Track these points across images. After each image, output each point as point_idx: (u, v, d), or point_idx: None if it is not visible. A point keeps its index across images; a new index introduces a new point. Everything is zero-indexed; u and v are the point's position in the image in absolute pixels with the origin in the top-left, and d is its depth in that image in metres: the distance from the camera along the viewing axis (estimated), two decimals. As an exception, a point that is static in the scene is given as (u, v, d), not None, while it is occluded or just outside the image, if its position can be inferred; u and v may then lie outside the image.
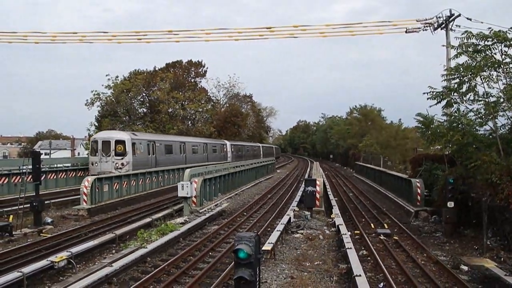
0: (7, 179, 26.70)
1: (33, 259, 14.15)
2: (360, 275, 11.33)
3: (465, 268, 14.39)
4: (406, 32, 29.70)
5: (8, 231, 17.64)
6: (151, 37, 32.10)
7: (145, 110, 68.21)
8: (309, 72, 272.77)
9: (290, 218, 20.60)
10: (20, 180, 24.65)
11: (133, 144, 34.36)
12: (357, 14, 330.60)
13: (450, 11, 27.84)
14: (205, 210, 23.84)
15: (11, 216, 19.66)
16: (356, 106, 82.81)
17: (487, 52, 17.76)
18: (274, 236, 15.99)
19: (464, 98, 19.10)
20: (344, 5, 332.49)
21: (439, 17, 28.47)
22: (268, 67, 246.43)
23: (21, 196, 19.39)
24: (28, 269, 11.90)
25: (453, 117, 19.75)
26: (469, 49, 18.30)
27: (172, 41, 31.75)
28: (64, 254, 13.40)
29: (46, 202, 21.81)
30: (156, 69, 72.08)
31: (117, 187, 27.09)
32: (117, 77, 63.14)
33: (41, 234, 18.59)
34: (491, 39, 17.47)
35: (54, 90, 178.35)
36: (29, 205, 19.53)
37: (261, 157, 77.26)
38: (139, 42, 32.23)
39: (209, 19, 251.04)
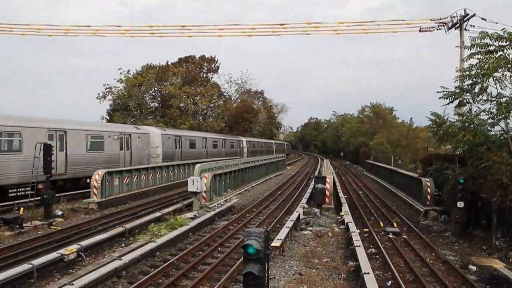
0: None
1: (43, 252, 14.25)
2: (368, 273, 11.33)
3: (474, 268, 14.33)
4: (420, 31, 29.44)
5: (18, 223, 17.77)
6: (164, 32, 32.18)
7: (156, 104, 68.51)
8: (322, 69, 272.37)
9: (299, 215, 20.63)
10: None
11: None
12: (373, 12, 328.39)
13: (465, 10, 27.54)
14: (215, 206, 23.89)
15: (22, 209, 19.80)
16: (368, 104, 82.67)
17: (500, 53, 17.64)
18: (283, 233, 16.02)
19: (477, 99, 19.01)
20: (361, 2, 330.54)
21: (454, 17, 28.14)
22: (281, 63, 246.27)
23: (31, 188, 19.56)
24: (38, 261, 12.01)
25: (465, 117, 19.67)
26: (481, 49, 18.18)
27: (185, 36, 31.95)
28: (73, 247, 13.51)
29: (56, 195, 21.96)
30: (169, 63, 72.31)
31: (127, 181, 27.20)
32: (128, 71, 63.44)
33: (51, 227, 18.73)
34: (505, 40, 17.35)
35: (64, 83, 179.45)
36: (39, 197, 19.73)
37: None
38: (152, 36, 32.31)
39: (226, 15, 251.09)
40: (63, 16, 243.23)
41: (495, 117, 18.55)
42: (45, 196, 19.46)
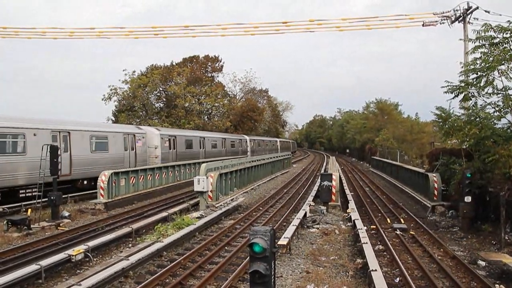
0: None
1: (50, 252, 14.30)
2: (376, 270, 11.29)
3: (483, 263, 14.23)
4: (423, 25, 29.35)
5: (26, 224, 17.85)
6: (168, 32, 32.26)
7: (161, 105, 68.66)
8: (326, 67, 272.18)
9: (306, 212, 20.58)
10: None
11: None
12: (376, 8, 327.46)
13: (468, 3, 27.47)
14: (221, 205, 23.86)
15: (29, 210, 19.91)
16: (372, 100, 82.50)
17: (505, 45, 17.52)
18: (289, 231, 15.97)
19: (482, 92, 18.89)
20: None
21: (457, 10, 28.07)
22: (285, 61, 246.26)
23: (38, 189, 19.61)
24: (45, 262, 12.03)
25: (470, 110, 19.55)
26: (486, 42, 18.07)
27: (188, 36, 32.10)
28: (81, 248, 13.52)
29: (63, 196, 22.01)
30: (173, 63, 72.49)
31: (133, 181, 27.22)
32: (134, 72, 63.59)
33: (58, 228, 18.80)
34: (509, 32, 17.23)
35: (70, 84, 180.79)
36: (47, 199, 19.78)
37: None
38: (156, 37, 32.39)
39: (228, 14, 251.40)
40: (66, 20, 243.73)
41: (501, 110, 18.43)
42: (52, 198, 19.55)
